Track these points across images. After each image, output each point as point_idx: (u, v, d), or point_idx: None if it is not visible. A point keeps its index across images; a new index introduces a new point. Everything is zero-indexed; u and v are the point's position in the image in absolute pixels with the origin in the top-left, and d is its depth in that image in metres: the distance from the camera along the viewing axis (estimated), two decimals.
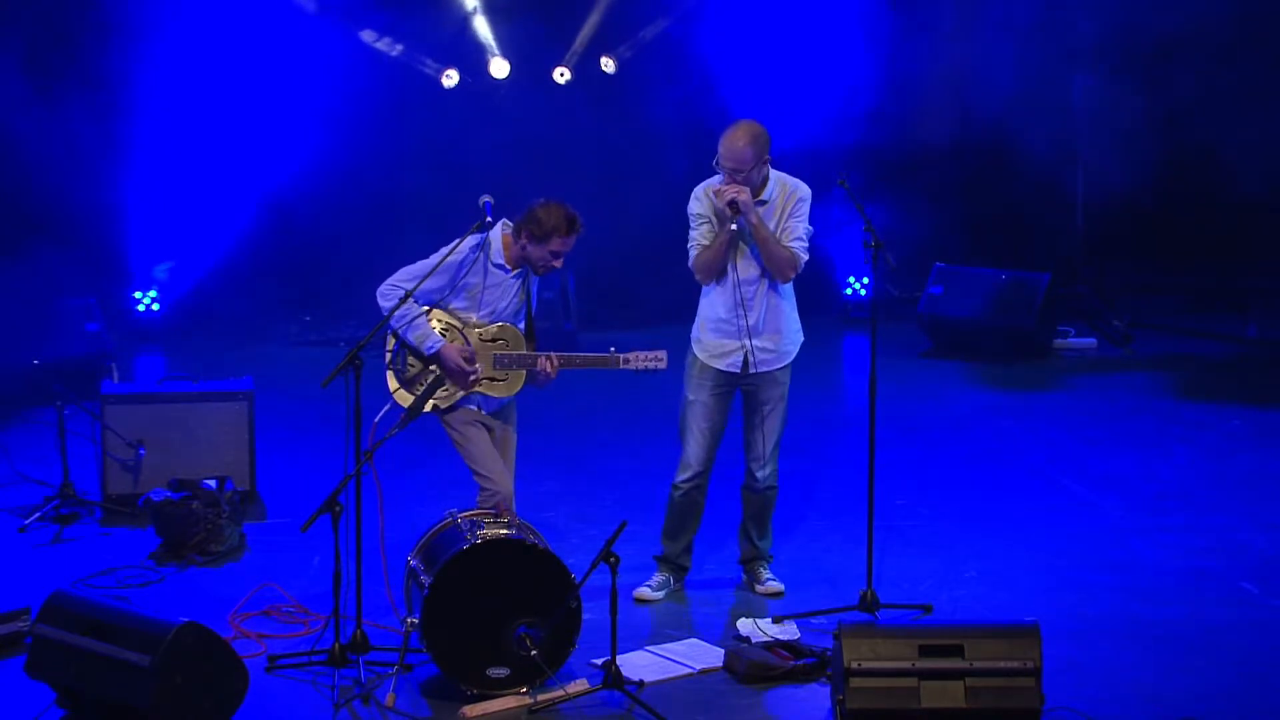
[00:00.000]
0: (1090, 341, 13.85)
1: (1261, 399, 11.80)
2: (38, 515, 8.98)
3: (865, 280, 14.66)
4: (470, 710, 6.63)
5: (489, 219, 7.28)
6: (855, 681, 6.38)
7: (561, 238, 7.28)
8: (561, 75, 14.41)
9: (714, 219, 7.64)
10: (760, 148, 7.49)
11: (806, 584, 8.02)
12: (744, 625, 7.41)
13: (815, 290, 14.54)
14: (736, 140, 7.49)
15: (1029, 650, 6.39)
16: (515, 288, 7.44)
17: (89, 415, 9.28)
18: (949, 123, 14.19)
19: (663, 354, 7.45)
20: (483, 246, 7.36)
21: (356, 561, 6.95)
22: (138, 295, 14.09)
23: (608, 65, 14.39)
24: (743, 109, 13.95)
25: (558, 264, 7.37)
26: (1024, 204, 14.50)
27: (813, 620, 7.48)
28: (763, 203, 7.61)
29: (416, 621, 6.71)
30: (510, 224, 7.37)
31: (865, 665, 6.38)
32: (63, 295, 12.45)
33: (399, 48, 14.27)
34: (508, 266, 7.39)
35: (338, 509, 6.78)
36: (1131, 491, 9.64)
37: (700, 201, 7.69)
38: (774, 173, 7.68)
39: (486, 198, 7.31)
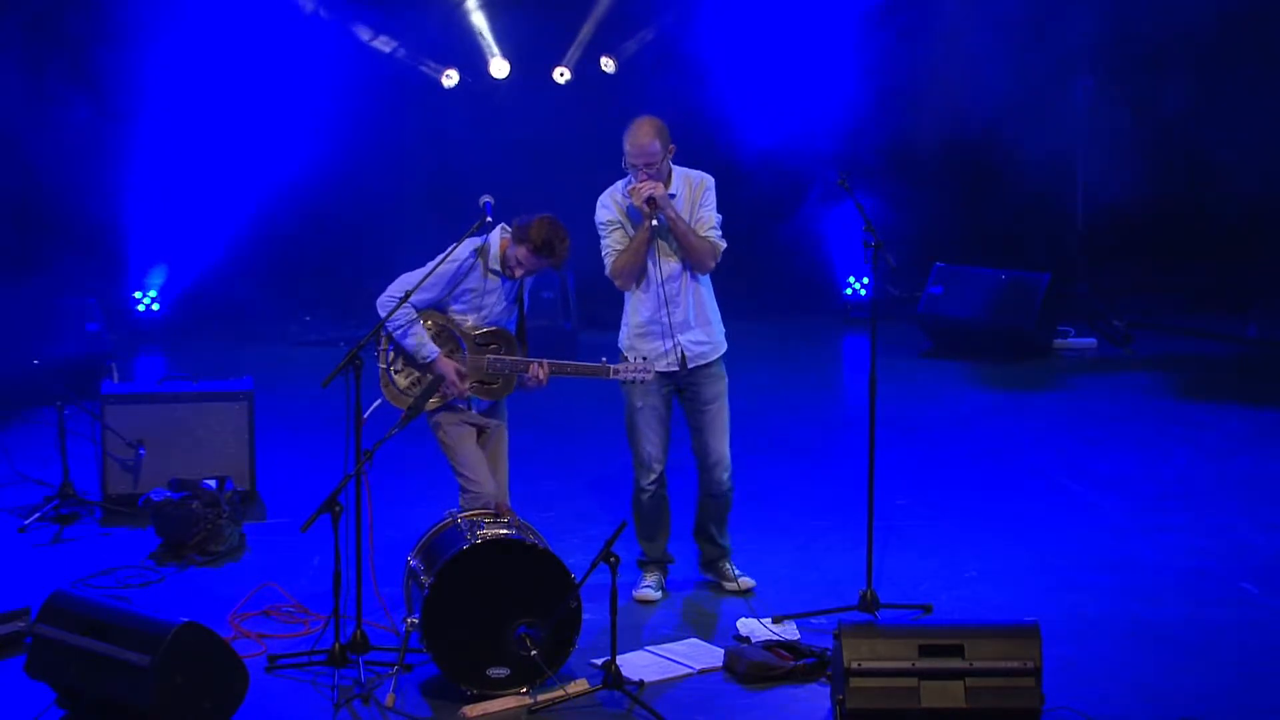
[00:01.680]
0: (1090, 341, 13.85)
1: (1261, 399, 11.80)
2: (38, 515, 8.98)
3: (865, 280, 14.66)
4: (470, 710, 6.63)
5: (489, 219, 7.32)
6: (855, 681, 6.38)
7: (528, 251, 7.34)
8: (561, 75, 14.42)
9: (626, 222, 7.68)
10: (665, 139, 7.58)
11: (806, 584, 8.02)
12: (744, 625, 7.42)
13: (815, 290, 14.65)
14: (641, 136, 7.55)
15: (1029, 650, 6.39)
16: (510, 292, 7.49)
17: (89, 415, 9.28)
18: (949, 123, 14.19)
19: (651, 367, 7.50)
20: (481, 252, 7.40)
21: (356, 561, 6.95)
22: (138, 295, 14.10)
23: (608, 65, 14.40)
24: (743, 109, 13.98)
25: (518, 272, 7.43)
26: (1024, 204, 14.50)
27: (813, 620, 7.48)
28: (671, 196, 7.64)
29: (416, 621, 6.71)
30: (509, 229, 7.41)
31: (865, 665, 6.38)
32: (63, 295, 12.46)
33: (397, 46, 14.28)
34: (503, 272, 7.44)
35: (338, 509, 6.78)
36: (1132, 491, 9.63)
37: (608, 208, 7.73)
38: (675, 167, 7.73)
39: (486, 198, 7.35)
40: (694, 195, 7.71)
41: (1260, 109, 14.06)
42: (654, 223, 7.57)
